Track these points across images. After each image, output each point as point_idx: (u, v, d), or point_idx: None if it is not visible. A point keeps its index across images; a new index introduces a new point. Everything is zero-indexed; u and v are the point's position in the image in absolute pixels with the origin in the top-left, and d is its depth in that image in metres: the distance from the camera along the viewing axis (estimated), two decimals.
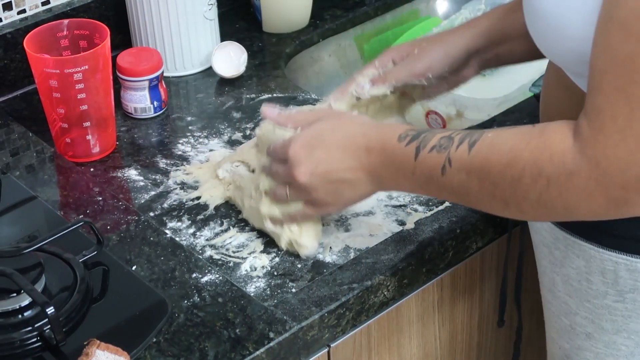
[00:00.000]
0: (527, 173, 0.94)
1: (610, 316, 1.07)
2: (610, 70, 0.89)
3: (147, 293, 1.11)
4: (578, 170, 0.91)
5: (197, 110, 1.47)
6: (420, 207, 1.25)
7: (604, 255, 1.04)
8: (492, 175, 0.97)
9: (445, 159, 0.99)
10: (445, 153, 0.99)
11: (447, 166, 0.99)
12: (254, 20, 1.68)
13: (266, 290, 1.13)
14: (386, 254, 1.17)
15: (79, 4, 1.53)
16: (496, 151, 0.96)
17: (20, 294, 1.06)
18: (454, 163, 0.99)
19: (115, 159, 1.36)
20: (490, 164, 0.96)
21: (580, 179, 0.92)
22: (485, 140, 0.98)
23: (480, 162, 0.97)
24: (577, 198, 0.93)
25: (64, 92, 1.29)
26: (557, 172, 0.92)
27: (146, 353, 1.04)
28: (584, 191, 0.92)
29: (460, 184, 1.00)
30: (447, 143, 1.00)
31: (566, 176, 0.92)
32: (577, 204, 0.93)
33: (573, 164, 0.92)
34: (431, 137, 1.01)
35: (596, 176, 0.91)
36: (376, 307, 1.16)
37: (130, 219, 1.23)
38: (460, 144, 0.99)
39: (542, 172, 0.93)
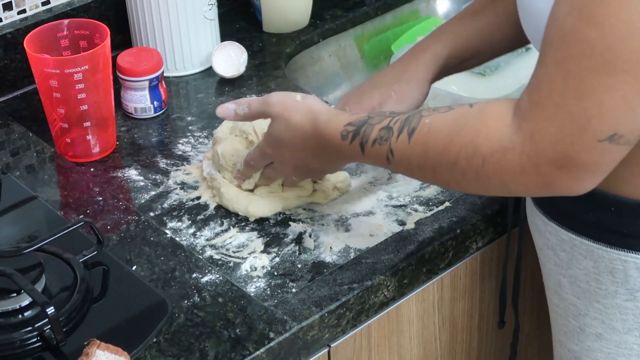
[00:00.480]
0: (462, 155, 0.96)
1: (621, 315, 1.06)
2: (554, 43, 0.89)
3: (147, 293, 1.11)
4: (512, 145, 0.92)
5: (197, 110, 1.47)
6: (421, 207, 1.25)
7: (612, 254, 1.03)
8: (430, 162, 0.99)
9: (387, 150, 1.03)
10: (386, 145, 1.03)
11: (390, 157, 1.03)
12: (254, 20, 1.68)
13: (266, 290, 1.13)
14: (386, 254, 1.17)
15: (79, 4, 1.53)
16: (433, 138, 0.98)
17: (21, 294, 1.06)
18: (396, 154, 1.02)
19: (115, 159, 1.36)
20: (428, 152, 0.99)
21: (514, 155, 0.92)
22: (423, 128, 1.00)
23: (419, 151, 1.00)
24: (511, 174, 0.93)
25: (64, 92, 1.29)
26: (491, 150, 0.93)
27: (146, 353, 1.04)
28: (517, 167, 0.92)
29: (407, 171, 1.04)
30: (386, 134, 1.03)
31: (501, 153, 0.93)
32: (511, 180, 0.94)
33: (508, 140, 0.92)
34: (371, 131, 1.05)
35: (528, 151, 0.91)
36: (376, 307, 1.16)
37: (130, 219, 1.23)
38: (400, 134, 1.02)
39: (478, 152, 0.94)
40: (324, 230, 1.21)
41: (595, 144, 0.89)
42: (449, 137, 0.97)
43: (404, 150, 1.01)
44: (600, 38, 0.86)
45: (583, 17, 0.86)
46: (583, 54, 0.87)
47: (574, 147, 0.89)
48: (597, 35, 0.86)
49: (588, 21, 0.86)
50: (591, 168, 0.90)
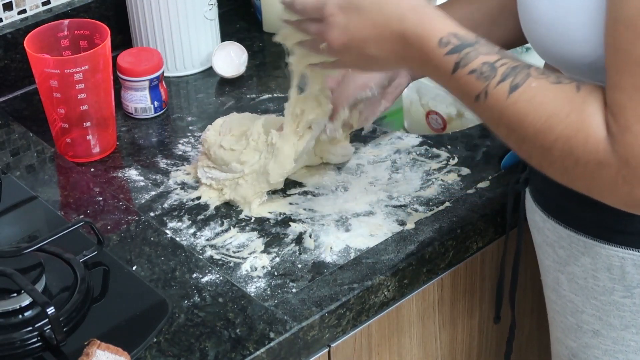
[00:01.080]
0: (558, 146, 0.92)
1: (618, 312, 1.07)
2: (627, 70, 0.89)
3: (148, 293, 1.11)
4: (608, 163, 0.90)
5: (198, 110, 1.47)
6: (421, 207, 1.25)
7: (610, 251, 1.04)
8: (523, 132, 0.94)
9: (482, 89, 0.95)
10: (484, 83, 0.95)
11: (482, 97, 0.95)
12: (255, 20, 1.68)
13: (266, 290, 1.13)
14: (386, 254, 1.17)
15: (79, 4, 1.53)
16: (534, 111, 0.93)
17: (21, 294, 1.06)
18: (490, 99, 0.95)
19: (115, 159, 1.36)
20: (525, 121, 0.93)
21: (609, 172, 0.91)
22: (527, 92, 0.93)
23: (516, 113, 0.93)
24: (601, 187, 0.92)
25: (65, 92, 1.29)
26: (587, 158, 0.91)
27: (146, 353, 1.04)
28: (610, 183, 0.91)
29: (489, 119, 0.97)
30: (489, 72, 0.95)
31: (596, 164, 0.91)
32: (600, 192, 0.93)
33: (604, 156, 0.90)
34: (474, 58, 0.95)
35: (625, 173, 0.90)
36: (376, 307, 1.16)
37: (130, 219, 1.23)
38: (502, 81, 0.94)
39: (573, 152, 0.91)
40: (324, 230, 1.21)
41: None
42: (550, 120, 0.92)
43: (499, 101, 0.94)
44: None
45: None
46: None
47: None
48: None
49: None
50: None
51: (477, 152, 1.34)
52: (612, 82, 0.90)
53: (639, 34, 0.87)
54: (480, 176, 1.30)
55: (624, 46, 0.88)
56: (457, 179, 1.29)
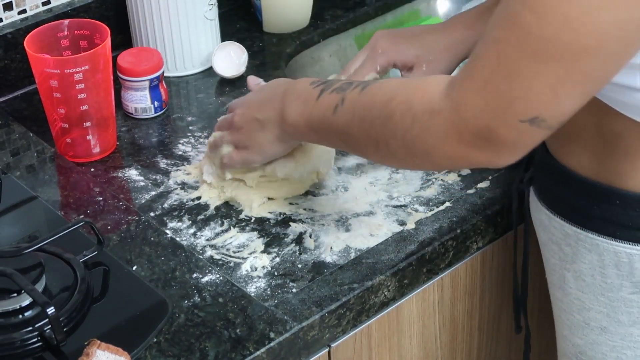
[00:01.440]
0: (398, 109, 0.98)
1: (627, 308, 1.07)
2: (496, 22, 0.91)
3: (148, 293, 1.11)
4: (440, 109, 0.94)
5: (198, 110, 1.47)
6: (421, 207, 1.25)
7: (617, 247, 1.04)
8: (371, 113, 1.02)
9: (340, 98, 1.06)
10: (342, 94, 1.06)
11: (339, 105, 1.06)
12: (255, 20, 1.68)
13: (267, 290, 1.13)
14: (387, 254, 1.17)
15: (79, 4, 1.53)
16: (381, 92, 1.02)
17: (21, 294, 1.06)
18: (346, 102, 1.05)
19: (115, 159, 1.36)
20: (373, 102, 1.02)
21: (440, 119, 0.94)
22: (377, 84, 1.04)
23: (366, 101, 1.03)
24: (434, 139, 0.95)
25: (65, 92, 1.29)
26: (422, 110, 0.96)
27: (147, 353, 1.04)
28: (441, 131, 0.94)
29: (345, 124, 1.05)
30: (347, 86, 1.07)
31: (429, 114, 0.95)
32: (434, 145, 0.96)
33: (438, 104, 0.94)
34: (336, 82, 1.09)
35: (453, 119, 0.93)
36: (377, 307, 1.16)
37: (130, 219, 1.23)
38: (356, 87, 1.05)
39: (411, 109, 0.97)
40: (325, 230, 1.21)
41: (516, 123, 0.90)
42: (394, 91, 1.00)
43: (353, 99, 1.04)
44: (537, 26, 0.87)
45: (526, 3, 0.87)
46: (519, 38, 0.88)
47: (495, 122, 0.91)
48: (535, 23, 0.87)
49: (530, 8, 0.87)
50: (509, 145, 0.92)
51: None
52: (484, 33, 0.93)
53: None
54: (480, 176, 1.30)
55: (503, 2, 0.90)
56: (457, 179, 1.29)
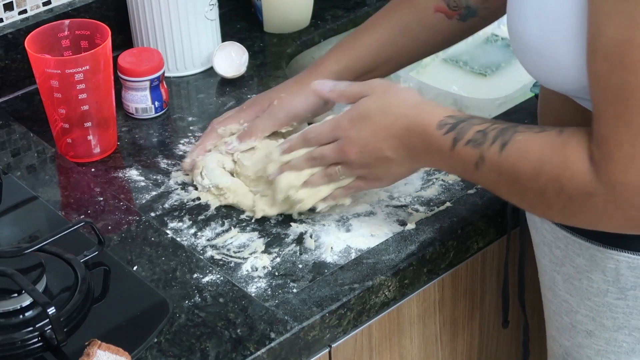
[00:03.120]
0: (550, 187, 0.97)
1: (612, 313, 1.07)
2: (606, 100, 0.91)
3: (148, 293, 1.11)
4: (595, 192, 0.94)
5: (198, 110, 1.47)
6: (422, 207, 1.25)
7: (605, 253, 1.04)
8: (520, 182, 0.99)
9: (479, 156, 1.02)
10: (479, 149, 1.02)
11: (480, 163, 1.02)
12: (255, 20, 1.68)
13: (267, 290, 1.13)
14: (387, 254, 1.17)
15: (80, 4, 1.53)
16: (523, 159, 0.99)
17: (22, 294, 1.06)
18: (487, 162, 1.02)
19: (116, 159, 1.36)
20: (518, 171, 0.99)
21: (598, 201, 0.94)
22: (515, 144, 0.99)
23: (510, 167, 1.00)
24: (597, 217, 0.96)
25: (65, 92, 1.29)
26: (576, 192, 0.95)
27: (147, 353, 1.04)
28: (603, 211, 0.95)
29: (493, 182, 1.03)
30: (481, 139, 1.02)
31: (585, 197, 0.95)
32: (598, 222, 0.97)
33: (591, 186, 0.94)
34: (468, 129, 1.03)
35: (613, 199, 0.93)
36: (377, 308, 1.16)
37: (131, 219, 1.23)
38: (494, 143, 1.01)
39: (564, 190, 0.96)
40: (325, 230, 1.21)
41: None
42: (538, 166, 0.98)
43: (494, 161, 1.01)
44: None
45: (623, 68, 0.88)
46: (636, 102, 0.89)
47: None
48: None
49: (629, 71, 0.88)
50: None
51: None
52: (596, 113, 0.93)
53: (615, 65, 0.89)
54: None
55: (602, 76, 0.91)
56: (458, 179, 1.29)
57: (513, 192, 1.02)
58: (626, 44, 0.88)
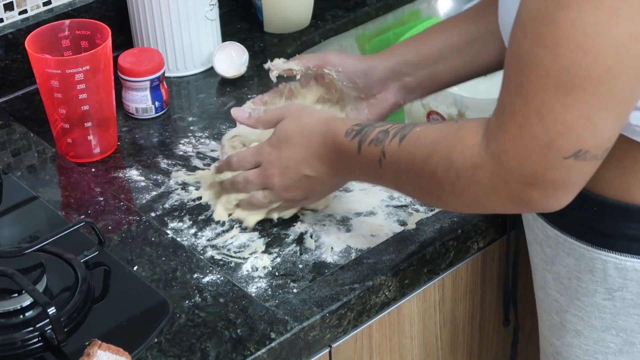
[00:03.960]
0: (440, 166, 0.98)
1: (599, 314, 1.07)
2: (512, 68, 0.92)
3: (149, 293, 1.11)
4: (482, 163, 0.94)
5: (199, 110, 1.47)
6: (422, 207, 1.25)
7: (593, 253, 1.04)
8: (415, 168, 1.02)
9: (380, 151, 1.05)
10: (380, 146, 1.05)
11: (382, 159, 1.05)
12: (256, 20, 1.68)
13: (267, 290, 1.13)
14: (387, 254, 1.17)
15: (80, 4, 1.53)
16: (419, 145, 1.01)
17: (22, 295, 1.06)
18: (387, 156, 1.04)
19: (116, 160, 1.36)
20: (414, 157, 1.01)
21: (484, 173, 0.94)
22: (413, 135, 1.02)
23: (407, 155, 1.02)
24: (482, 191, 0.96)
25: (66, 92, 1.29)
26: (464, 165, 0.96)
27: (147, 353, 1.04)
28: (488, 185, 0.95)
29: (395, 176, 1.06)
30: (383, 136, 1.05)
31: (472, 169, 0.95)
32: (484, 197, 0.96)
33: (478, 158, 0.94)
34: (371, 131, 1.07)
35: (498, 170, 0.93)
36: (377, 308, 1.16)
37: (131, 220, 1.23)
38: (394, 138, 1.04)
39: (453, 165, 0.97)
40: (325, 230, 1.21)
41: (561, 161, 0.90)
42: (432, 147, 0.99)
43: (394, 154, 1.04)
44: (553, 60, 0.88)
45: (536, 41, 0.88)
46: (539, 76, 0.89)
47: (540, 165, 0.91)
48: (551, 57, 0.88)
49: (541, 44, 0.88)
50: (561, 185, 0.92)
51: None
52: (503, 81, 0.94)
53: (525, 34, 0.89)
54: None
55: (514, 44, 0.91)
56: None
57: (411, 181, 1.03)
58: (540, 18, 0.88)
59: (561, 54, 0.87)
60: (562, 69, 0.87)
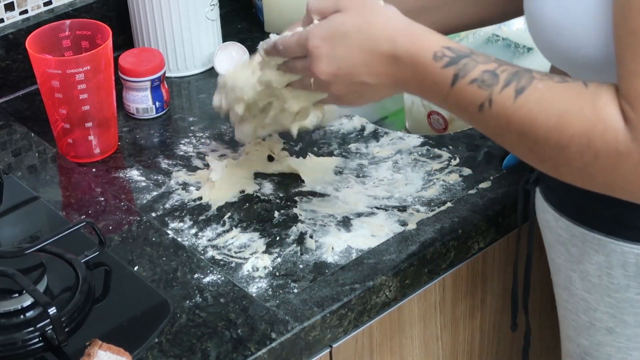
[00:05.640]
0: (575, 142, 0.90)
1: (633, 309, 1.06)
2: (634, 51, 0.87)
3: (149, 293, 1.11)
4: (629, 153, 0.88)
5: (199, 110, 1.47)
6: (422, 207, 1.25)
7: (624, 248, 1.03)
8: (535, 134, 0.92)
9: (486, 98, 0.93)
10: (487, 91, 0.93)
11: (486, 105, 0.93)
12: (256, 20, 1.68)
13: (268, 290, 1.13)
14: (388, 255, 1.17)
15: (81, 5, 1.53)
16: (544, 110, 0.91)
17: (23, 295, 1.06)
18: (495, 106, 0.93)
19: (117, 160, 1.36)
20: (536, 122, 0.91)
21: (630, 162, 0.89)
22: (534, 93, 0.92)
23: (525, 116, 0.92)
24: (622, 179, 0.90)
25: (66, 92, 1.29)
26: (607, 150, 0.89)
27: (148, 353, 1.04)
28: (631, 174, 0.90)
29: (498, 127, 0.95)
30: (491, 80, 0.93)
31: (616, 156, 0.89)
32: (621, 184, 0.91)
33: (625, 146, 0.89)
34: (473, 67, 0.94)
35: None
36: (378, 308, 1.16)
37: (132, 220, 1.23)
38: (506, 87, 0.92)
39: (592, 145, 0.89)
40: (326, 230, 1.21)
41: None
42: (563, 117, 0.90)
43: (506, 107, 0.92)
44: None
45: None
46: None
47: None
48: None
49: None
50: None
51: (478, 153, 1.34)
52: (628, 70, 0.88)
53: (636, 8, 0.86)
54: (481, 176, 1.30)
55: (626, 28, 0.87)
56: (459, 179, 1.29)
57: (522, 143, 0.93)
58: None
59: None
60: None
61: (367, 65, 1.01)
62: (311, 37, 1.03)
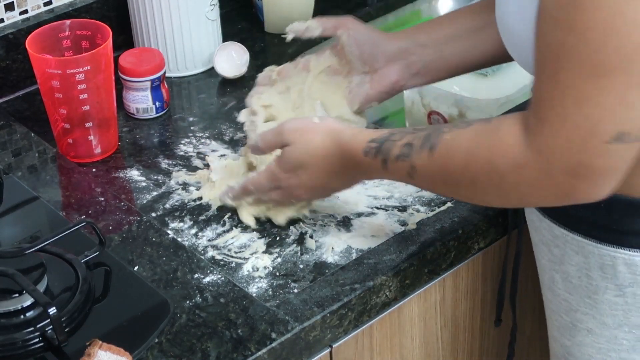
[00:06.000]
0: (481, 173, 0.98)
1: (611, 311, 1.07)
2: (544, 59, 0.91)
3: (149, 293, 1.11)
4: (526, 162, 0.94)
5: (199, 110, 1.47)
6: (422, 207, 1.25)
7: (602, 250, 1.04)
8: (453, 177, 1.01)
9: (410, 166, 1.05)
10: (408, 161, 1.05)
11: (413, 172, 1.05)
12: (256, 20, 1.68)
13: (268, 290, 1.13)
14: (388, 255, 1.17)
15: (81, 5, 1.53)
16: (453, 155, 1.00)
17: (23, 295, 1.06)
18: (419, 168, 1.04)
19: (117, 160, 1.36)
20: (449, 168, 1.01)
21: (530, 171, 0.94)
22: (444, 146, 1.01)
23: (441, 167, 1.02)
24: (528, 189, 0.96)
25: (66, 92, 1.29)
26: (508, 167, 0.96)
27: (148, 353, 1.04)
28: (534, 181, 0.95)
29: (429, 184, 1.07)
30: (408, 150, 1.05)
31: (517, 169, 0.95)
32: (530, 195, 0.97)
33: (521, 157, 0.94)
34: (392, 147, 1.06)
35: (541, 166, 0.93)
36: (378, 308, 1.16)
37: (132, 220, 1.23)
38: (421, 150, 1.03)
39: (496, 169, 0.96)
40: (326, 230, 1.21)
41: (604, 147, 0.90)
42: (469, 154, 0.99)
43: (425, 166, 1.03)
44: (583, 44, 0.88)
45: (564, 28, 0.88)
46: (571, 63, 0.89)
47: (584, 154, 0.91)
48: (580, 42, 0.88)
49: (569, 30, 0.88)
50: (606, 171, 0.92)
51: None
52: (535, 75, 0.93)
53: (556, 24, 0.89)
54: None
55: (544, 35, 0.91)
56: None
57: (450, 190, 1.04)
58: (565, 5, 0.88)
59: (590, 38, 0.87)
60: (593, 52, 0.87)
61: (329, 177, 1.14)
62: (276, 173, 1.17)
